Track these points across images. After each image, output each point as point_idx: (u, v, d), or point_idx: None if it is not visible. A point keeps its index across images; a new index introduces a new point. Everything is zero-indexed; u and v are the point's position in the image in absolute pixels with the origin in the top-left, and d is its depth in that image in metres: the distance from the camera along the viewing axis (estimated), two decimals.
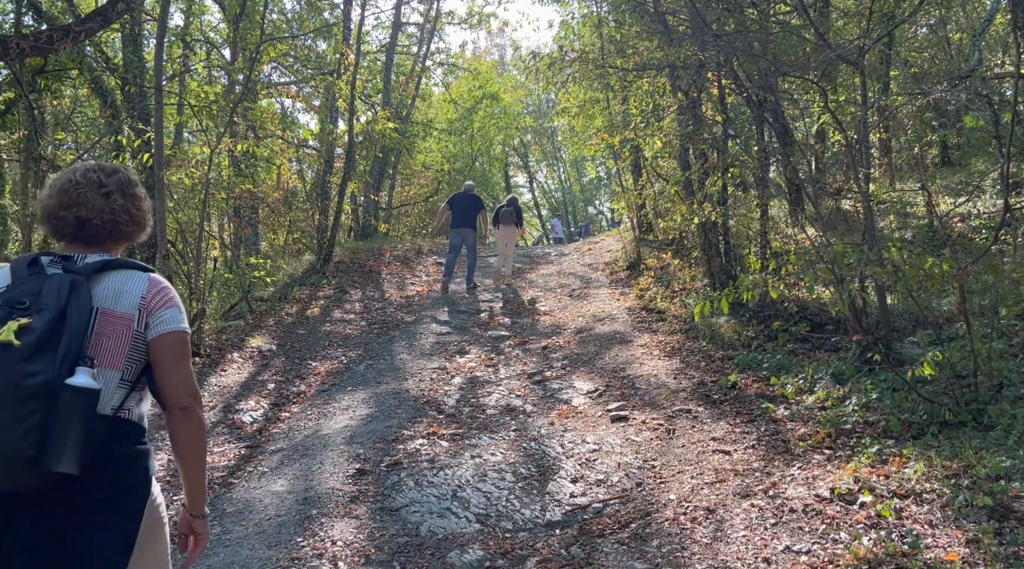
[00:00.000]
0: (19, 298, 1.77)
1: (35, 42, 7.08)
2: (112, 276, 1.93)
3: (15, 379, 1.65)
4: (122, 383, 1.90)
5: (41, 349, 1.70)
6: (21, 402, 1.64)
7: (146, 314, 1.94)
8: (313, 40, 15.07)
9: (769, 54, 6.74)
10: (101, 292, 1.90)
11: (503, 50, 49.13)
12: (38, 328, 1.71)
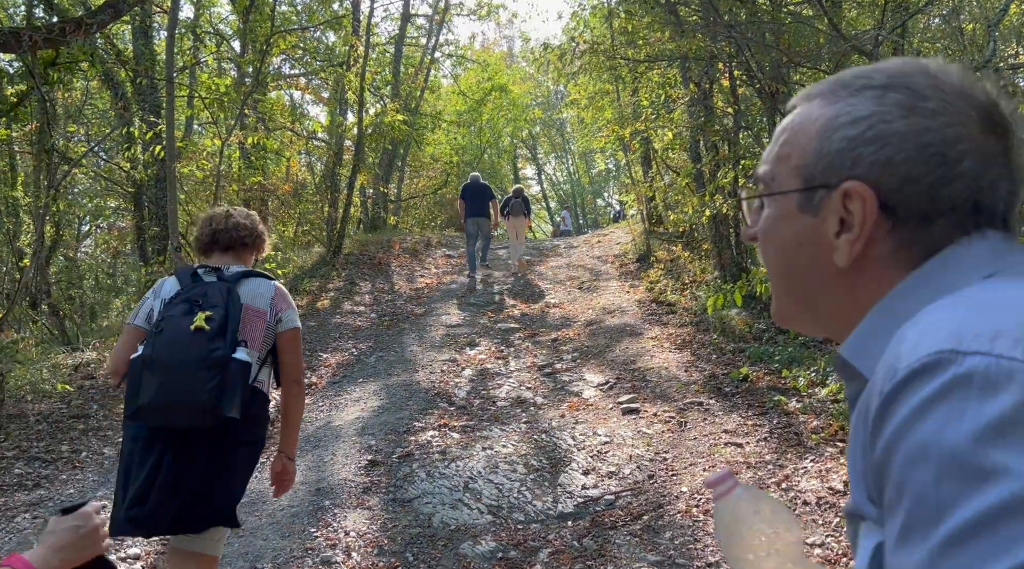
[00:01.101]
0: (195, 298, 2.50)
1: (47, 34, 7.09)
2: (250, 282, 2.68)
3: (206, 353, 2.38)
4: (257, 361, 2.59)
5: (220, 333, 2.43)
6: (209, 368, 2.36)
7: (275, 312, 2.68)
8: (322, 32, 15.06)
9: (782, 45, 6.69)
10: (244, 293, 2.61)
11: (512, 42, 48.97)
12: (216, 319, 2.44)
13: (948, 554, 0.49)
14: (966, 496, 0.49)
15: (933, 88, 0.68)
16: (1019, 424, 0.49)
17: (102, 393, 6.84)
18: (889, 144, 0.67)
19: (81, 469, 5.22)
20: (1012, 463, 0.48)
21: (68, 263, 15.10)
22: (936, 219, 0.66)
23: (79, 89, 12.09)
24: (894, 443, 0.55)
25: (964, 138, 0.66)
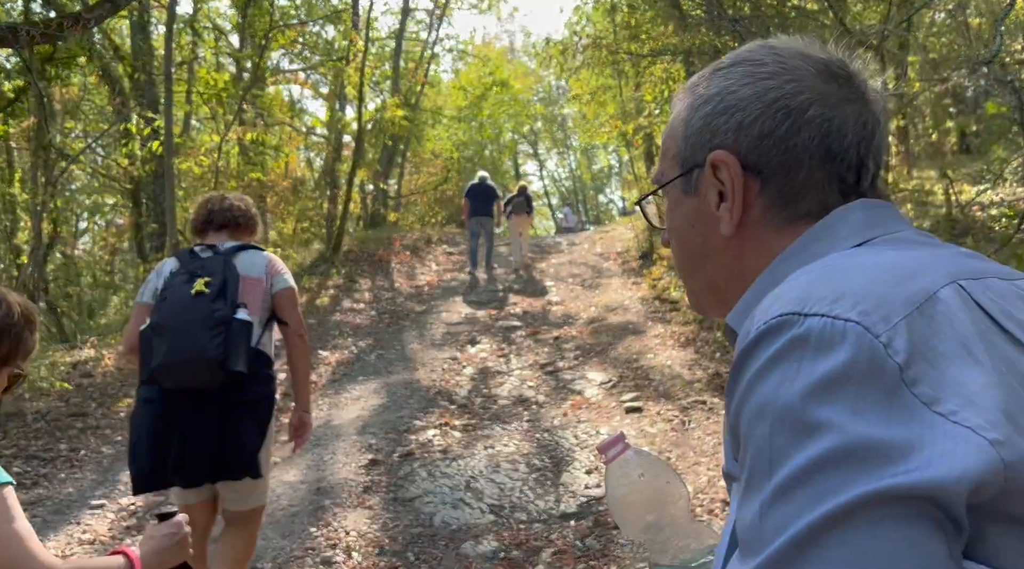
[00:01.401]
0: (194, 269, 2.70)
1: (44, 29, 7.02)
2: (244, 254, 2.86)
3: (209, 313, 2.58)
4: (259, 324, 2.78)
5: (220, 295, 2.62)
6: (213, 327, 2.55)
7: (270, 276, 2.87)
8: (322, 26, 14.99)
9: None
10: (240, 264, 2.79)
11: (513, 36, 48.86)
12: (215, 284, 2.64)
13: (775, 505, 0.52)
14: (794, 449, 0.52)
15: (771, 55, 0.73)
16: (846, 381, 0.51)
17: (100, 391, 6.78)
18: (739, 110, 0.71)
19: (80, 467, 5.17)
20: (836, 418, 0.51)
21: (66, 260, 15.05)
22: (797, 170, 0.70)
23: (76, 85, 12.01)
24: (742, 403, 0.57)
25: (804, 90, 0.69)
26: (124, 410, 6.29)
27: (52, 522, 4.29)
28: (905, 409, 0.51)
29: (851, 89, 0.71)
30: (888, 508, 0.49)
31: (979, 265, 0.63)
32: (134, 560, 1.39)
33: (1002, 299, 0.60)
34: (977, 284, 0.59)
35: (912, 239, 0.68)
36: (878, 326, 0.53)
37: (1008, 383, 0.53)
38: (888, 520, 0.48)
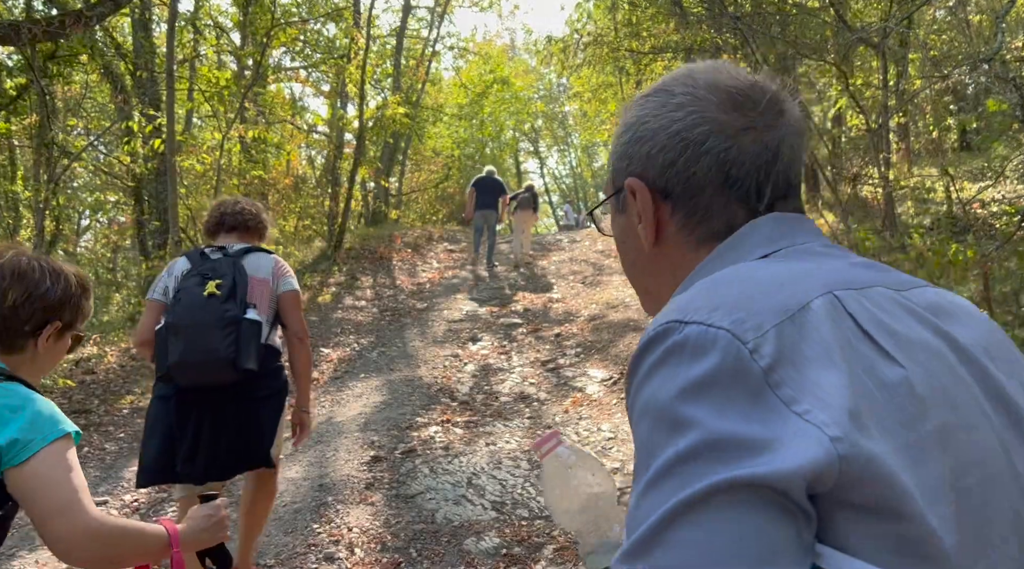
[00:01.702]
0: (205, 271, 2.82)
1: (46, 27, 7.04)
2: (252, 256, 2.99)
3: (220, 314, 2.71)
4: (267, 323, 2.92)
5: (230, 297, 2.76)
6: (224, 327, 2.69)
7: (276, 278, 3.01)
8: (323, 24, 14.99)
9: (787, 36, 6.64)
10: (248, 266, 2.93)
11: (514, 33, 48.81)
12: (226, 286, 2.77)
13: (648, 493, 0.58)
14: (665, 445, 0.58)
15: (683, 86, 0.79)
16: (713, 384, 0.58)
17: (104, 388, 6.81)
18: (648, 141, 0.79)
19: (83, 464, 5.19)
20: (701, 417, 0.57)
21: (68, 258, 15.07)
22: (700, 195, 0.77)
23: (78, 82, 12.03)
24: (632, 403, 0.64)
25: (705, 121, 0.75)
26: (127, 407, 6.31)
27: None
28: (766, 409, 0.57)
29: (754, 117, 0.76)
30: (738, 495, 0.54)
31: (867, 276, 0.69)
32: (172, 533, 1.47)
33: (879, 308, 0.65)
34: (854, 294, 0.65)
35: (811, 251, 0.73)
36: (748, 334, 0.60)
37: (862, 384, 0.59)
38: (738, 505, 0.54)
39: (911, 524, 0.56)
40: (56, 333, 1.56)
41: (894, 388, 0.60)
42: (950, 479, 0.58)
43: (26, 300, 1.50)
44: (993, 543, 0.59)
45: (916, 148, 12.00)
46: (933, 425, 0.60)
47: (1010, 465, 0.63)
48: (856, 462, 0.55)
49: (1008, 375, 0.68)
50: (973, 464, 0.60)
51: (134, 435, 5.73)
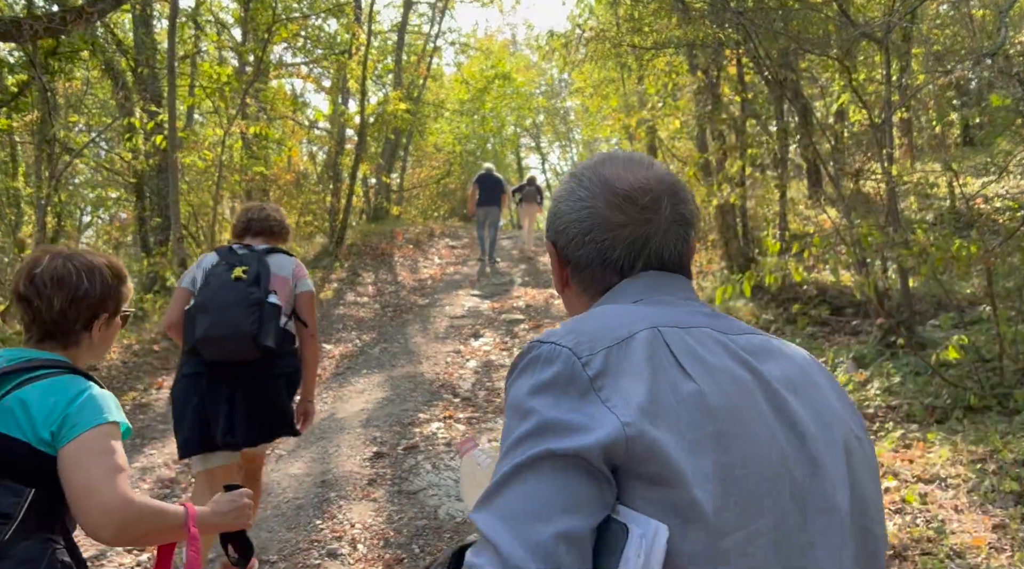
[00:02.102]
0: (233, 262, 3.12)
1: (48, 23, 7.02)
2: (275, 256, 3.28)
3: (246, 295, 2.99)
4: (284, 314, 3.19)
5: (255, 282, 3.05)
6: (249, 307, 2.96)
7: (295, 278, 3.29)
8: (324, 20, 14.96)
9: (790, 32, 6.62)
10: (271, 264, 3.20)
11: (515, 29, 48.66)
12: (252, 272, 3.07)
13: (500, 467, 0.81)
14: (515, 427, 0.82)
15: (589, 180, 1.03)
16: (553, 385, 0.82)
17: (107, 384, 6.79)
18: (558, 217, 1.05)
19: None
20: (540, 407, 0.81)
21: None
22: (586, 268, 1.03)
23: (80, 79, 12.01)
24: (505, 400, 0.87)
25: (592, 217, 1.00)
26: (130, 403, 6.32)
27: None
28: (588, 403, 0.80)
29: (633, 215, 0.99)
30: (555, 462, 0.78)
31: (699, 320, 0.93)
32: (191, 512, 1.56)
33: (696, 342, 0.88)
34: (677, 331, 0.89)
35: (665, 301, 0.97)
36: (583, 353, 0.84)
37: (662, 393, 0.81)
38: (552, 469, 0.78)
39: (679, 493, 0.77)
40: (105, 323, 1.72)
41: (687, 399, 0.82)
42: (720, 469, 0.80)
43: (71, 304, 1.63)
44: (753, 518, 0.80)
45: (919, 143, 11.97)
46: (714, 429, 0.81)
47: (785, 470, 0.84)
48: (640, 442, 0.78)
49: (806, 406, 0.90)
50: (746, 462, 0.81)
51: (136, 431, 5.74)
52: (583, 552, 0.76)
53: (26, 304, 1.64)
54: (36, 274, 1.63)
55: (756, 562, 0.80)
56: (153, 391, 6.70)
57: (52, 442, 1.46)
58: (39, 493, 1.45)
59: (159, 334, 8.43)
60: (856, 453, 0.92)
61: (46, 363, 1.58)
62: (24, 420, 1.46)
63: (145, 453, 5.35)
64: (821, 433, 0.89)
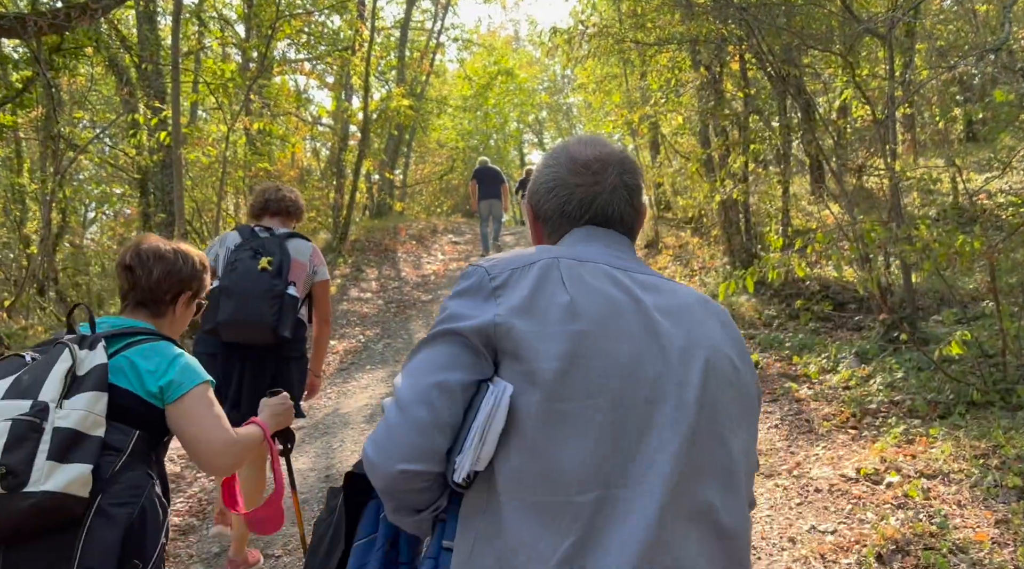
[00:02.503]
0: (257, 247, 3.26)
1: (52, 20, 7.04)
2: (294, 241, 3.42)
3: (270, 286, 3.17)
4: (301, 299, 3.39)
5: (279, 273, 3.21)
6: (272, 298, 3.15)
7: (312, 264, 3.47)
8: (327, 16, 14.95)
9: (793, 27, 6.61)
10: (291, 249, 3.35)
11: (518, 25, 48.61)
12: (276, 263, 3.22)
13: (413, 354, 1.17)
14: (436, 319, 1.17)
15: (556, 154, 1.34)
16: (466, 292, 1.14)
17: None
18: (535, 184, 1.34)
19: None
20: (452, 305, 1.15)
21: (74, 250, 15.12)
22: (549, 219, 1.32)
23: (84, 75, 12.04)
24: None
25: (555, 178, 1.31)
26: None
27: None
28: (485, 304, 1.12)
29: (585, 178, 1.29)
30: (444, 337, 1.12)
31: (601, 258, 1.21)
32: (263, 427, 2.02)
33: (586, 271, 1.16)
34: (572, 262, 1.17)
35: (581, 240, 1.27)
36: (494, 272, 1.15)
37: (537, 299, 1.11)
38: (443, 342, 1.12)
39: (527, 365, 1.07)
40: (187, 301, 2.07)
41: (558, 305, 1.10)
42: (569, 355, 1.06)
43: (166, 276, 1.99)
44: (592, 395, 1.05)
45: (922, 139, 11.95)
46: (576, 328, 1.08)
47: (639, 367, 1.08)
48: (503, 329, 1.09)
49: (675, 327, 1.14)
50: (596, 355, 1.07)
51: None
52: (452, 397, 1.08)
53: (129, 272, 1.98)
54: (142, 249, 1.99)
55: (588, 430, 1.04)
56: None
57: (160, 396, 1.80)
58: (141, 435, 1.78)
59: None
60: (721, 371, 1.14)
61: (142, 331, 1.90)
62: (133, 376, 1.79)
63: None
64: (683, 347, 1.12)
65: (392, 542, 1.25)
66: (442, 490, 1.10)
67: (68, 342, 1.74)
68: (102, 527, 1.63)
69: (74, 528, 1.60)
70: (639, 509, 1.01)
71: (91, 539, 1.61)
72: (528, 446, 1.04)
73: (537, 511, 1.01)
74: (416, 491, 1.08)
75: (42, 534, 1.58)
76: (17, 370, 1.70)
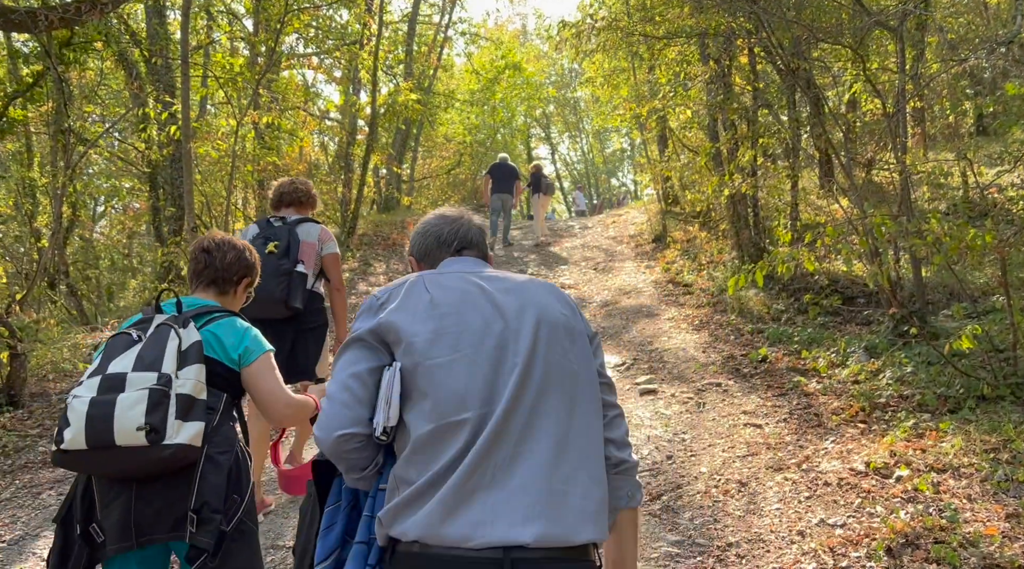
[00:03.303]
0: (268, 235, 3.87)
1: (62, 14, 7.07)
2: (304, 225, 4.01)
3: (276, 267, 3.70)
4: (312, 275, 3.98)
5: (284, 255, 3.79)
6: (280, 276, 3.67)
7: (321, 242, 4.03)
8: (335, 10, 14.95)
9: (803, 20, 6.58)
10: (301, 232, 3.95)
11: (525, 19, 48.43)
12: (282, 247, 3.80)
13: (334, 363, 1.62)
14: (347, 338, 1.63)
15: (430, 218, 1.86)
16: (364, 311, 1.62)
17: None
18: (415, 236, 1.86)
19: None
20: (357, 322, 1.62)
21: (84, 244, 15.19)
22: (428, 252, 1.81)
23: (94, 69, 12.07)
24: None
25: (430, 226, 1.84)
26: None
27: None
28: (374, 316, 1.58)
29: (450, 221, 1.84)
30: (353, 343, 1.57)
31: (453, 269, 1.70)
32: (315, 401, 2.38)
33: (444, 278, 1.64)
34: (433, 274, 1.66)
35: (454, 269, 1.71)
36: (381, 295, 1.62)
37: (408, 301, 1.57)
38: (353, 346, 1.56)
39: (405, 342, 1.51)
40: (246, 285, 2.55)
41: (422, 302, 1.56)
42: (434, 330, 1.51)
43: (236, 260, 2.47)
44: (454, 352, 1.49)
45: (932, 133, 11.88)
46: (438, 312, 1.54)
47: (488, 329, 1.53)
48: (384, 325, 1.54)
49: (512, 299, 1.60)
50: (454, 327, 1.52)
51: None
52: (362, 380, 1.53)
53: (207, 254, 2.43)
54: (218, 239, 2.48)
55: (456, 373, 1.48)
56: None
57: (238, 361, 2.25)
58: (227, 396, 2.23)
59: None
60: (550, 318, 1.59)
61: (215, 309, 2.32)
62: (218, 347, 2.22)
63: None
64: (518, 308, 1.58)
65: (353, 504, 1.64)
66: (375, 450, 1.55)
67: (171, 323, 2.14)
68: (211, 471, 2.10)
69: (189, 472, 2.07)
70: (498, 408, 1.46)
71: (204, 480, 2.08)
72: (420, 394, 1.48)
73: (435, 435, 1.45)
74: (354, 450, 1.51)
75: (166, 475, 2.05)
76: (130, 346, 2.11)
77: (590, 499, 1.46)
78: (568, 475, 1.45)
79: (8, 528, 4.00)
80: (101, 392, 2.02)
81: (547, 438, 1.46)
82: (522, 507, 1.39)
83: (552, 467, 1.44)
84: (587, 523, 1.44)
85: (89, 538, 2.10)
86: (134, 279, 15.95)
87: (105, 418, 1.97)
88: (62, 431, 2.01)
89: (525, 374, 1.49)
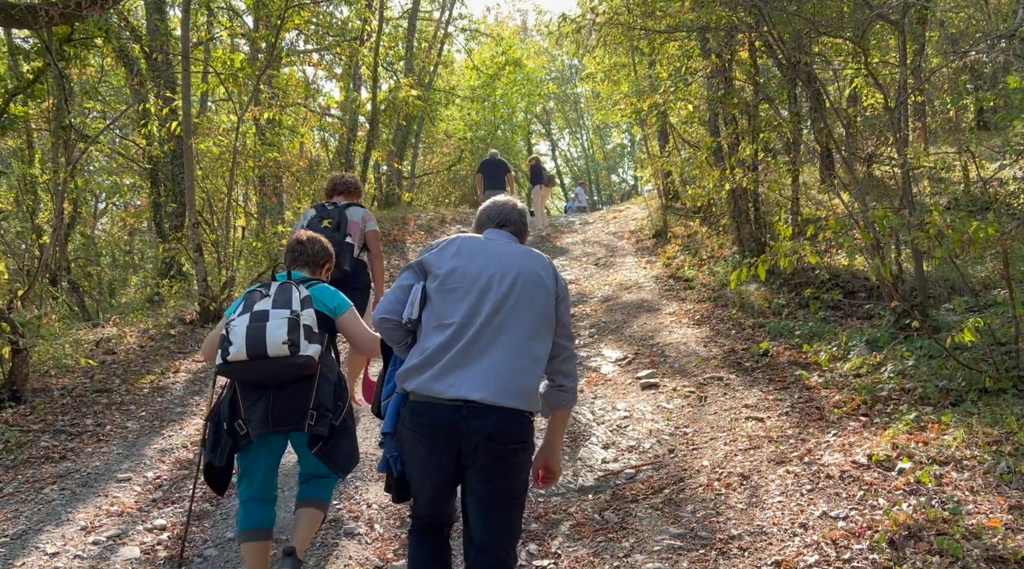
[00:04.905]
0: (324, 216, 4.96)
1: (63, 10, 7.07)
2: (352, 209, 5.15)
3: (330, 237, 4.11)
4: (357, 246, 5.07)
5: (337, 228, 4.91)
6: (333, 245, 3.72)
7: (364, 221, 5.17)
8: (335, 6, 14.93)
9: (804, 14, 6.57)
10: (349, 214, 5.07)
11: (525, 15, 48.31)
12: (334, 222, 4.93)
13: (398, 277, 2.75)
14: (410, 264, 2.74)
15: (486, 206, 2.93)
16: (422, 253, 2.72)
17: (124, 368, 6.89)
18: (477, 216, 2.96)
19: (106, 442, 5.27)
20: (417, 258, 2.70)
21: (86, 240, 15.19)
22: (478, 229, 2.87)
23: (94, 65, 12.06)
24: None
25: (486, 210, 2.88)
26: (147, 386, 6.40)
27: (80, 494, 4.39)
28: (423, 256, 2.66)
29: (498, 206, 2.84)
30: (408, 267, 2.66)
31: (483, 236, 2.73)
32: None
33: (473, 240, 2.67)
34: (466, 237, 2.69)
35: (490, 236, 2.73)
36: (434, 244, 2.71)
37: (444, 251, 2.63)
38: (407, 268, 2.66)
39: (433, 272, 2.58)
40: (328, 269, 3.52)
41: (451, 250, 2.62)
42: (452, 267, 2.56)
43: (323, 249, 3.48)
44: (462, 284, 2.52)
45: (933, 127, 11.87)
46: (460, 256, 2.59)
47: (485, 273, 2.54)
48: (426, 261, 2.62)
49: (506, 257, 2.60)
50: (464, 267, 2.55)
51: (155, 414, 5.81)
52: (404, 290, 2.58)
53: (301, 245, 3.41)
54: (312, 235, 3.47)
55: (459, 298, 2.49)
56: (170, 375, 6.77)
57: (334, 312, 3.22)
58: (328, 335, 3.19)
59: (175, 319, 8.51)
60: (526, 275, 2.55)
61: (312, 278, 3.33)
62: (319, 301, 3.18)
63: (164, 435, 5.41)
64: (507, 264, 2.56)
65: None
66: (406, 332, 2.57)
67: (291, 283, 3.12)
68: (325, 382, 3.05)
69: (309, 382, 2.99)
70: (476, 322, 2.46)
71: (320, 389, 3.02)
72: (431, 304, 2.52)
73: (436, 330, 2.47)
74: (390, 330, 2.57)
75: (295, 382, 2.97)
76: (263, 296, 3.05)
77: (523, 386, 2.42)
78: (513, 369, 2.41)
79: (11, 522, 4.01)
80: (252, 321, 2.91)
81: (505, 347, 2.43)
82: (480, 380, 2.37)
83: (504, 363, 2.41)
84: (518, 397, 2.40)
85: (234, 432, 2.96)
86: (135, 275, 15.96)
87: (259, 336, 2.87)
88: (227, 348, 2.87)
89: (498, 305, 2.47)
